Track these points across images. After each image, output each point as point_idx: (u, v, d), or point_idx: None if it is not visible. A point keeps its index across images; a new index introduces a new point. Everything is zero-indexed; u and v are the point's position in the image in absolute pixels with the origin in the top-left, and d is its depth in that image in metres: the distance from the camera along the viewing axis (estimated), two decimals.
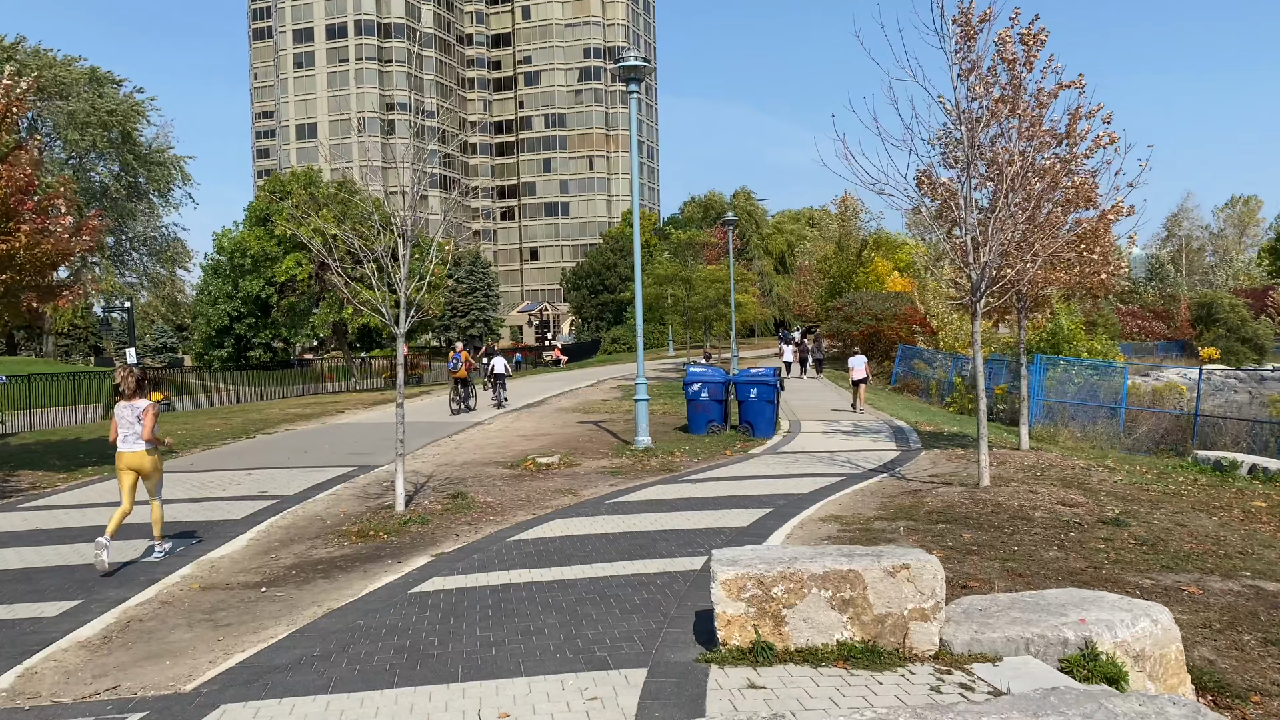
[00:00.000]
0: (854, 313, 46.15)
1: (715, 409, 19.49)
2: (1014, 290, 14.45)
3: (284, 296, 45.43)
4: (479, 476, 14.21)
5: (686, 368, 20.38)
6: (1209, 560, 8.54)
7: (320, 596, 7.74)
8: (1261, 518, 10.84)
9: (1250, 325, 76.14)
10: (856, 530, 9.42)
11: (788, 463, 15.10)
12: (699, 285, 37.91)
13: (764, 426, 19.23)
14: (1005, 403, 30.08)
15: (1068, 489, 11.77)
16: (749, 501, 11.26)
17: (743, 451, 16.90)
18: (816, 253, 57.98)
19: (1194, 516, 10.50)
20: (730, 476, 13.64)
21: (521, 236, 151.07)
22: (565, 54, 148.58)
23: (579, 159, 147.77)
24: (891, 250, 58.87)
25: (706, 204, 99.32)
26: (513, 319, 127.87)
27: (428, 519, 10.78)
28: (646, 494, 12.19)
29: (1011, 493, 11.25)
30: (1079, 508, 10.57)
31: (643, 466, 15.01)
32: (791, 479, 13.21)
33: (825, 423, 22.26)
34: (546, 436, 19.77)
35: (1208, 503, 11.66)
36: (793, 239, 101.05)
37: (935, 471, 13.82)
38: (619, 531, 9.61)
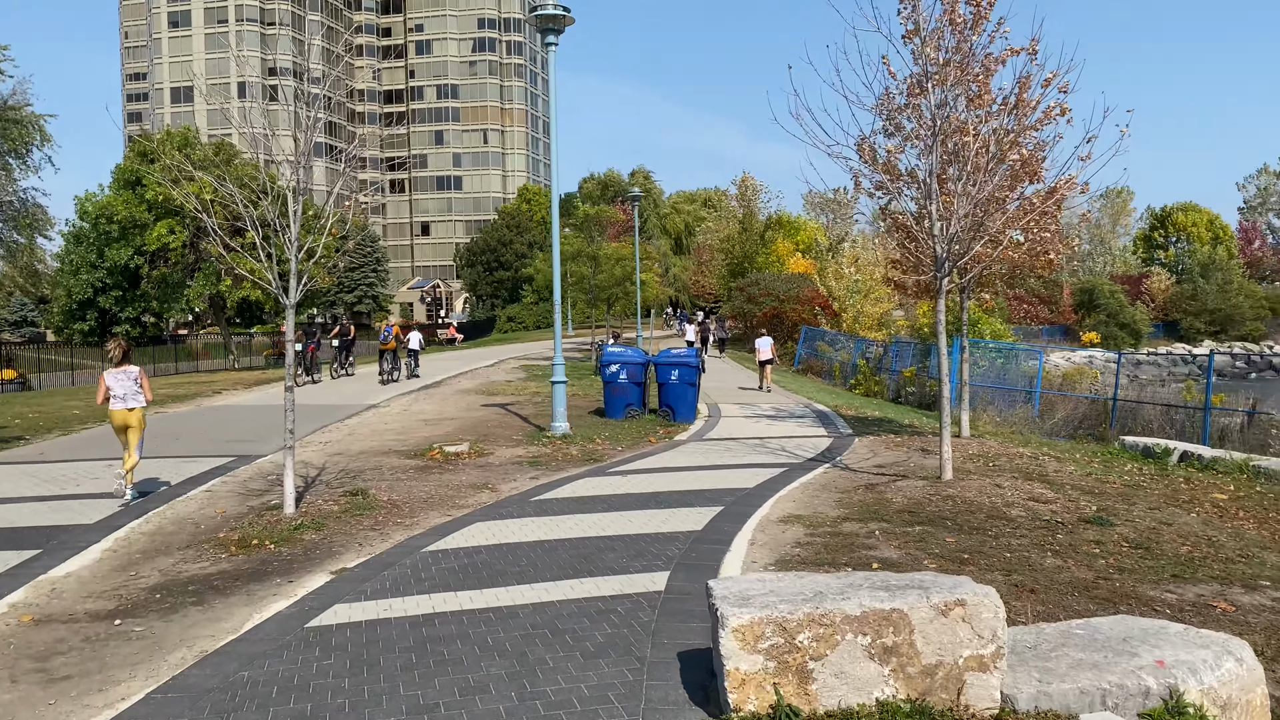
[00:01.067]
0: (757, 293, 45.54)
1: (634, 392, 18.23)
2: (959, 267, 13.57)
3: (155, 267, 42.09)
4: (379, 468, 12.61)
5: (604, 348, 19.10)
6: (1214, 566, 7.70)
7: (191, 631, 6.15)
8: (1236, 513, 10.18)
9: (1128, 311, 79.15)
10: (826, 534, 8.27)
11: (720, 451, 13.94)
12: (605, 263, 36.57)
13: (685, 411, 18.06)
14: (914, 385, 29.76)
15: (1030, 482, 10.93)
16: (693, 498, 10.02)
17: (667, 438, 15.68)
18: (719, 231, 57.25)
19: (1171, 513, 9.74)
20: (663, 468, 12.38)
21: (412, 210, 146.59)
22: (458, 23, 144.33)
23: (473, 132, 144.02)
24: (792, 231, 58.62)
25: (605, 182, 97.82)
26: (403, 295, 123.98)
27: (323, 523, 9.19)
28: (575, 489, 10.83)
29: (977, 487, 10.31)
30: (1052, 504, 9.70)
31: (563, 456, 13.64)
32: (730, 470, 12.04)
33: (744, 406, 21.26)
34: (451, 421, 18.17)
35: (1173, 496, 10.98)
36: (690, 220, 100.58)
37: (879, 462, 12.86)
38: (555, 539, 8.23)
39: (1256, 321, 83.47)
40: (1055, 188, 13.91)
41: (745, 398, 23.56)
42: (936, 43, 13.26)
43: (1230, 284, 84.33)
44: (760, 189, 56.99)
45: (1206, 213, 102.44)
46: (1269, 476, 13.78)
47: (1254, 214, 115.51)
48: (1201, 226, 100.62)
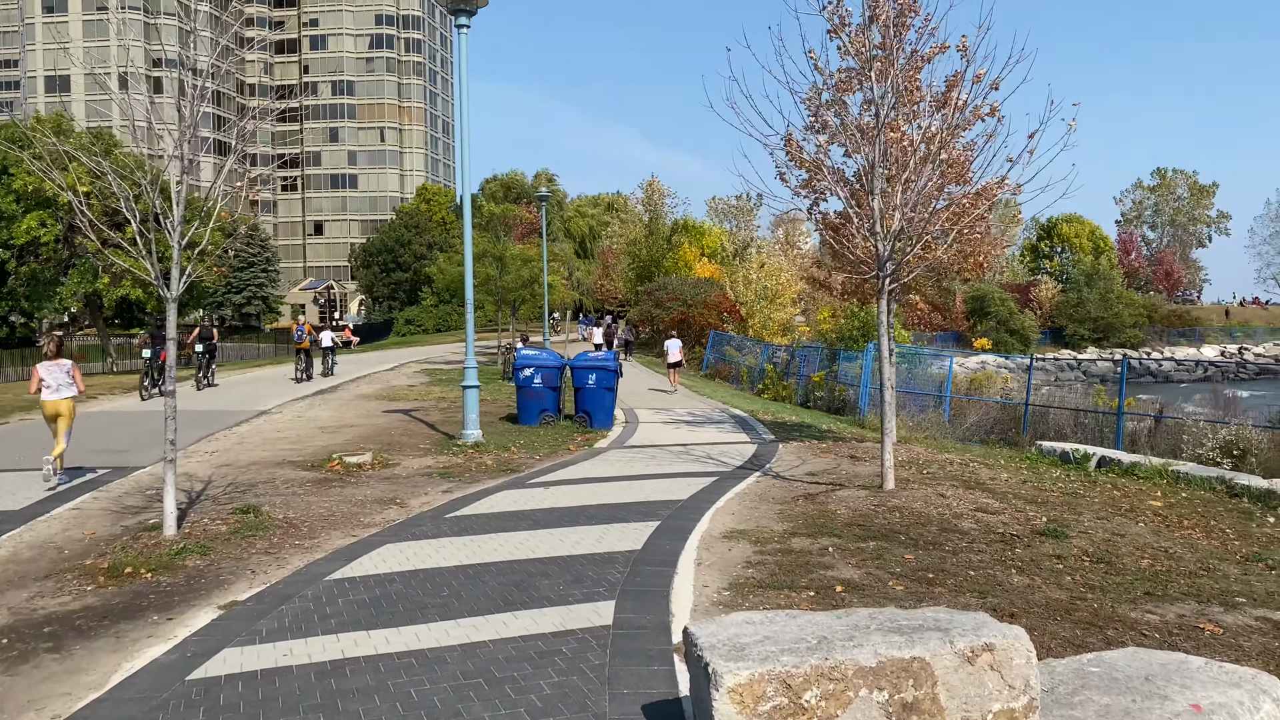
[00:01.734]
0: (665, 297, 45.07)
1: (549, 397, 17.34)
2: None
3: (24, 263, 39.13)
4: (273, 481, 11.46)
5: (518, 351, 18.18)
6: (1181, 582, 7.30)
7: (42, 689, 5.08)
8: (1180, 521, 9.91)
9: (1017, 317, 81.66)
10: (776, 552, 7.59)
11: (645, 460, 13.19)
12: (511, 264, 35.49)
13: (603, 417, 17.27)
14: (823, 390, 29.63)
15: (972, 490, 10.49)
16: (626, 512, 9.24)
17: (587, 446, 14.87)
18: (625, 235, 56.62)
19: (1119, 523, 9.39)
20: (587, 478, 11.57)
21: (305, 209, 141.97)
22: (355, 19, 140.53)
23: (369, 130, 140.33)
24: (697, 236, 58.42)
25: (508, 183, 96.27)
26: (295, 297, 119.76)
27: (209, 546, 8.09)
28: (495, 503, 9.92)
29: (922, 498, 9.81)
30: (1001, 515, 9.24)
31: (477, 466, 12.69)
32: (659, 480, 11.30)
33: (660, 411, 20.59)
34: (351, 428, 16.97)
35: (1113, 504, 10.69)
36: (594, 223, 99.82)
37: (810, 469, 12.31)
38: (480, 563, 7.34)
39: (1135, 329, 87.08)
40: (986, 188, 13.61)
41: (659, 402, 22.92)
42: (863, 39, 12.84)
43: (1111, 293, 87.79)
44: (666, 193, 56.64)
45: (1089, 224, 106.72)
46: (1188, 481, 13.76)
47: (1130, 226, 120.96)
48: (1084, 238, 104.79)
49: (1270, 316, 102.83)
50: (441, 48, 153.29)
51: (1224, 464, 15.58)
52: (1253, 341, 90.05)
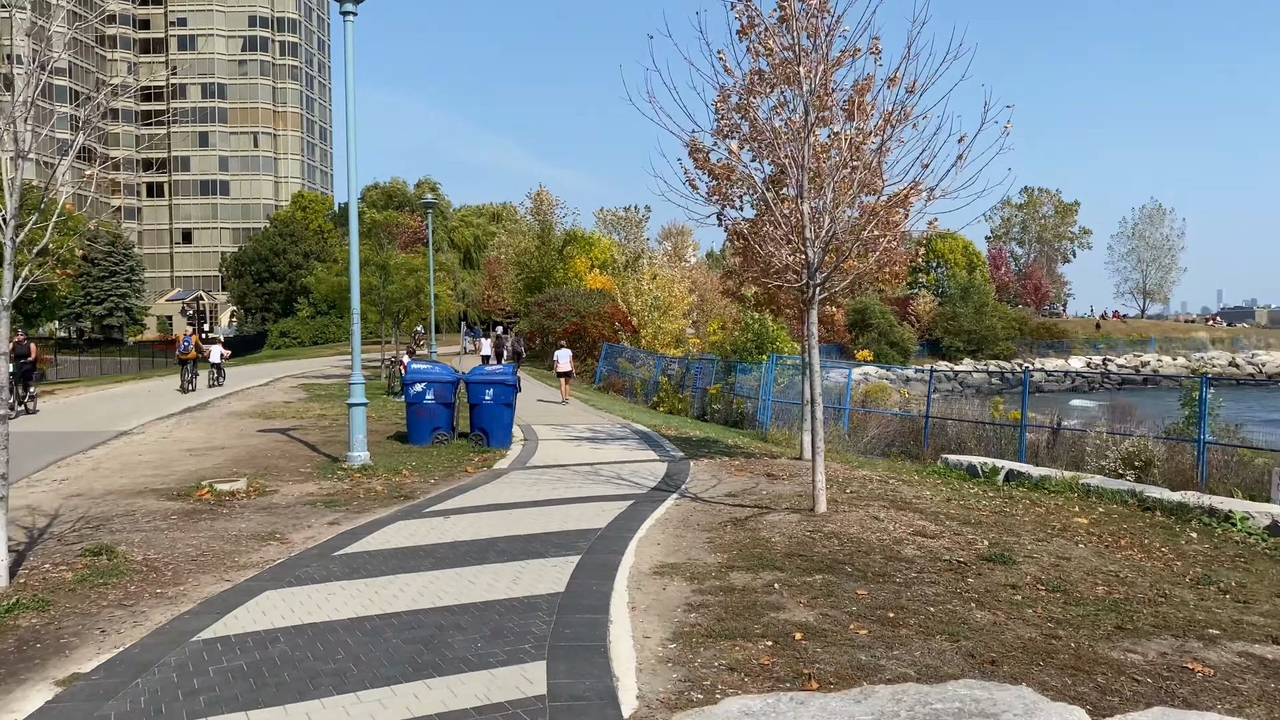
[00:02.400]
0: (557, 309, 44.10)
1: (442, 414, 16.22)
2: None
3: None
4: (132, 514, 10.08)
5: (409, 364, 16.99)
6: (1145, 612, 6.83)
7: None
8: (1118, 540, 9.57)
9: (897, 330, 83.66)
10: (717, 591, 6.80)
11: (551, 482, 12.26)
12: (395, 273, 33.92)
13: (501, 434, 16.25)
14: (720, 403, 29.22)
15: (903, 511, 9.95)
16: (541, 545, 8.32)
17: (485, 467, 13.84)
18: (514, 245, 55.39)
19: (1059, 545, 8.97)
20: (490, 505, 10.57)
21: (173, 216, 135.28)
22: (227, 19, 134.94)
23: (242, 134, 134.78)
24: (587, 247, 57.68)
25: (390, 191, 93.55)
26: (161, 308, 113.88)
27: (50, 599, 6.81)
28: (389, 537, 8.85)
29: (857, 521, 9.19)
30: (940, 539, 8.69)
31: (366, 492, 11.54)
32: (571, 506, 10.40)
33: (559, 427, 19.66)
34: (222, 450, 15.48)
35: (1043, 522, 10.32)
36: (479, 233, 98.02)
37: (729, 490, 11.61)
38: (378, 613, 6.31)
39: (1007, 341, 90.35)
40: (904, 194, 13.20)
41: (556, 416, 21.99)
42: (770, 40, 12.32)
43: (985, 306, 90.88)
44: (556, 203, 55.67)
45: (962, 240, 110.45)
46: (1100, 494, 13.65)
47: (1000, 242, 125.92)
48: (958, 253, 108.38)
49: (1129, 329, 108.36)
50: (319, 52, 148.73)
51: (1127, 475, 15.61)
52: (1115, 353, 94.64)
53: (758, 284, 14.04)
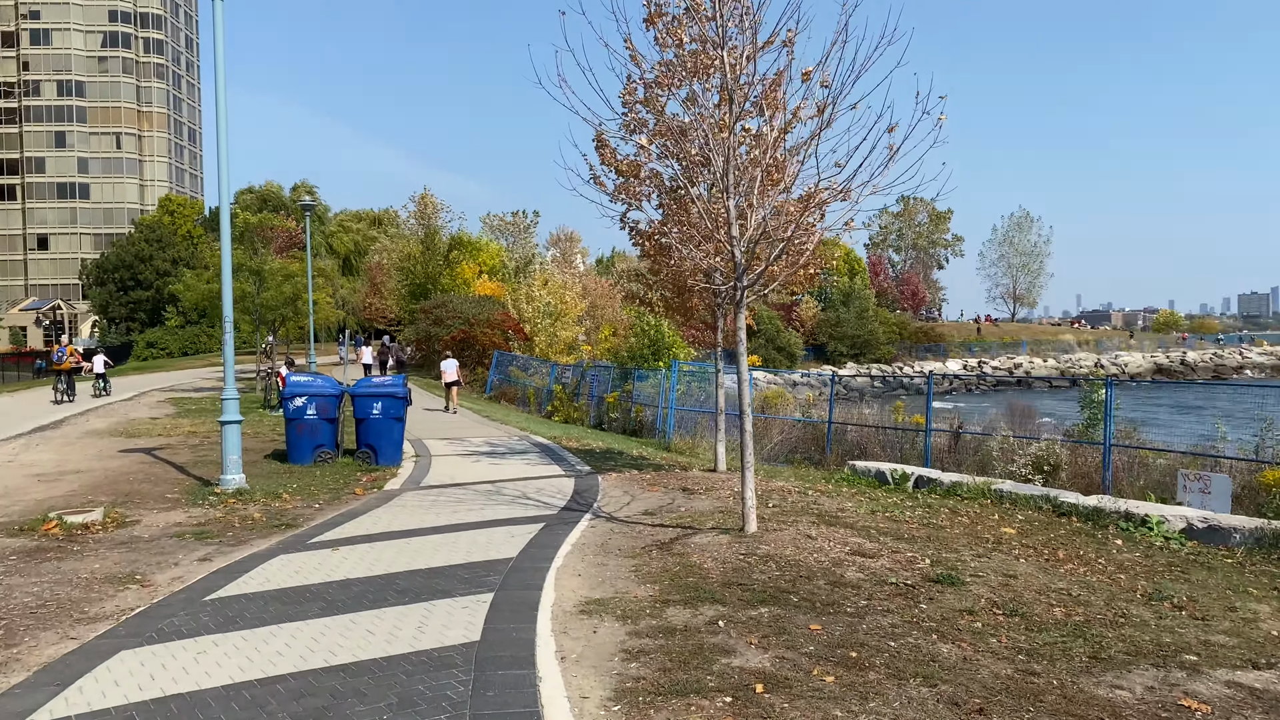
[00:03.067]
0: (444, 316, 42.64)
1: (326, 430, 14.98)
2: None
3: None
4: None
5: (287, 376, 15.67)
6: (1112, 637, 6.36)
7: None
8: (1055, 553, 9.17)
9: (784, 335, 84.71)
10: (656, 632, 6.01)
11: (450, 504, 11.25)
12: (271, 279, 32.05)
13: (391, 451, 15.11)
14: (618, 411, 28.53)
15: (833, 528, 9.36)
16: (445, 581, 7.38)
17: (376, 487, 12.72)
18: (397, 250, 53.47)
19: (1000, 560, 8.51)
20: (385, 533, 9.53)
21: (26, 220, 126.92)
22: (85, 14, 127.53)
23: (103, 135, 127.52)
24: (475, 252, 56.25)
25: (264, 195, 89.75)
26: (13, 318, 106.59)
27: None
28: (270, 575, 7.75)
29: (789, 541, 8.53)
30: (881, 559, 8.12)
31: (242, 521, 10.33)
32: (475, 531, 9.45)
33: (453, 442, 18.56)
34: (77, 475, 13.90)
35: (974, 534, 9.89)
36: (359, 239, 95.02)
37: (645, 507, 10.85)
38: (258, 678, 5.28)
39: (889, 345, 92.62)
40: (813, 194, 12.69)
41: (448, 429, 20.86)
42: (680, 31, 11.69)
43: (867, 311, 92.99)
44: (441, 207, 54.07)
45: (843, 247, 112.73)
46: (1014, 501, 13.44)
47: (878, 249, 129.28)
48: (840, 260, 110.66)
49: (1001, 332, 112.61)
50: (187, 50, 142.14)
51: (1035, 479, 15.54)
52: (989, 356, 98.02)
53: (667, 289, 13.35)
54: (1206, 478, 13.51)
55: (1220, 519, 11.44)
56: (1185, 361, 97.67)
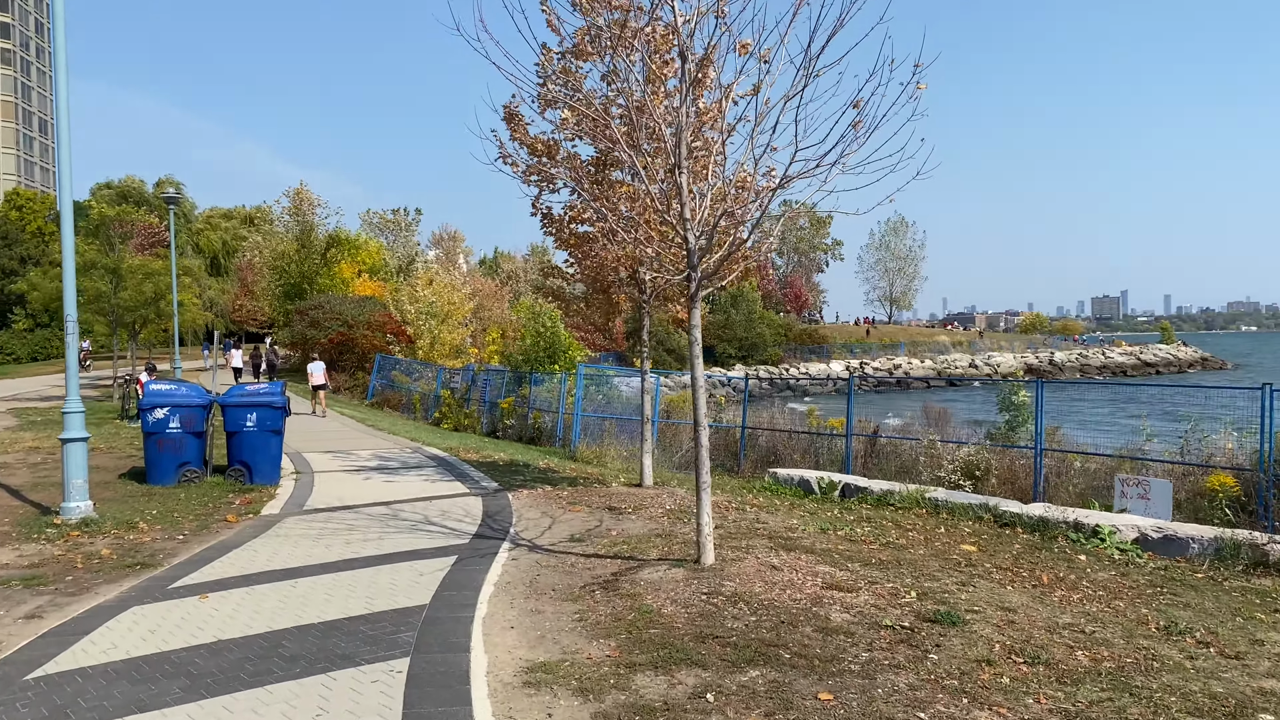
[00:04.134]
0: (322, 317, 40.19)
1: (192, 445, 13.10)
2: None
3: None
4: None
5: (145, 383, 13.69)
6: (1157, 687, 5.40)
7: None
8: (1041, 577, 8.22)
9: (675, 337, 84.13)
10: (629, 713, 4.70)
11: (342, 533, 9.67)
12: (129, 278, 29.22)
13: (268, 468, 13.34)
14: (513, 418, 27.03)
15: (793, 553, 8.22)
16: (345, 641, 5.90)
17: (252, 512, 10.99)
18: (270, 248, 50.40)
19: (987, 589, 7.52)
20: (265, 572, 7.92)
21: None
22: None
23: None
24: (354, 250, 53.58)
25: (124, 191, 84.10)
26: None
27: None
28: (119, 639, 6.11)
29: (753, 573, 7.34)
30: (860, 592, 7.00)
31: (86, 559, 8.54)
32: (373, 568, 7.95)
33: (338, 455, 16.78)
34: None
35: (941, 555, 8.91)
36: (229, 238, 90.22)
37: (570, 532, 9.51)
38: None
39: (776, 347, 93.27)
40: (743, 182, 11.55)
41: (330, 440, 19.02)
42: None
43: (754, 314, 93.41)
44: (318, 203, 51.18)
45: None
46: (951, 510, 12.68)
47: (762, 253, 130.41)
48: None
49: (879, 334, 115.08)
50: (37, 35, 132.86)
51: (965, 485, 14.86)
52: (870, 357, 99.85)
53: (590, 283, 12.05)
54: (1145, 483, 13.00)
55: (1176, 528, 10.84)
56: (1053, 361, 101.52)
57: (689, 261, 7.23)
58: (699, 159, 8.73)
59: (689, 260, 7.23)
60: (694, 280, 7.22)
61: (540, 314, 35.84)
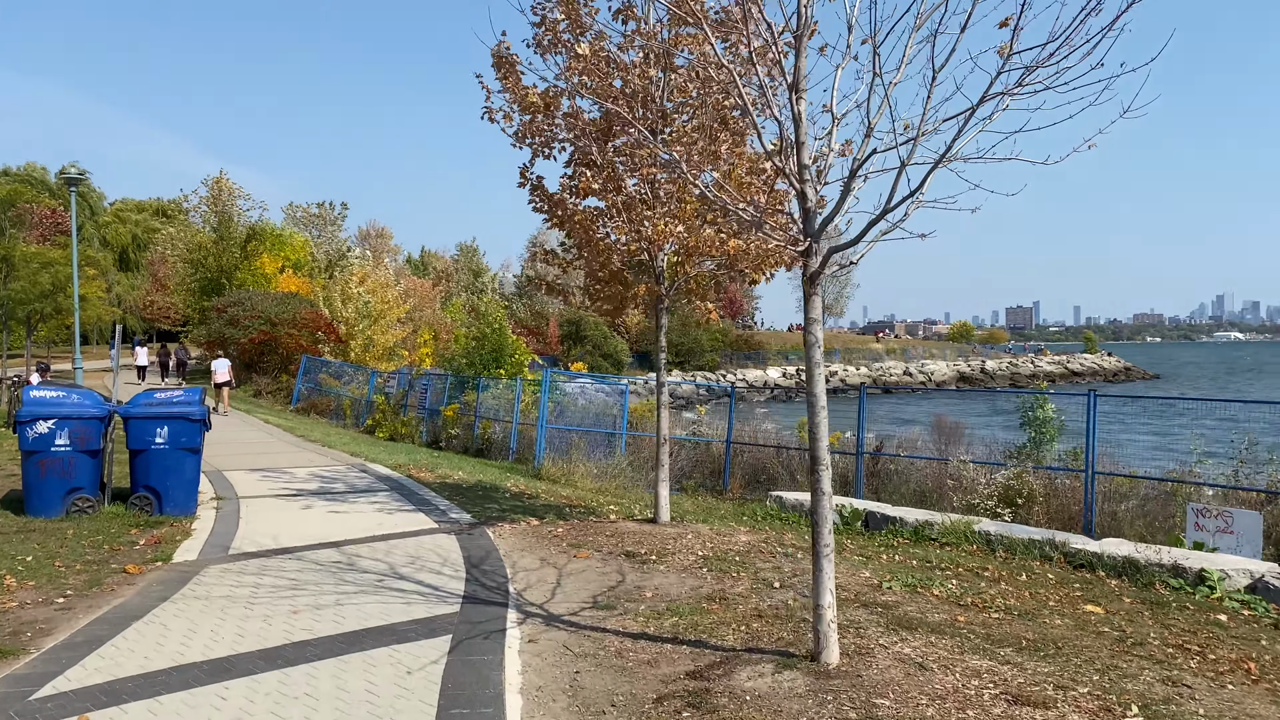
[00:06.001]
0: (242, 315, 36.97)
1: (85, 467, 10.44)
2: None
3: None
4: None
5: (25, 390, 10.99)
6: None
7: None
8: (1222, 656, 6.24)
9: (610, 341, 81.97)
10: None
11: (281, 591, 7.22)
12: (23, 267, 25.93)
13: (182, 496, 10.75)
14: (457, 427, 24.57)
15: (919, 637, 6.07)
16: None
17: (161, 559, 8.44)
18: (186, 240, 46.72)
19: (1206, 690, 5.49)
20: (179, 668, 5.48)
21: None
22: None
23: None
24: (278, 245, 50.16)
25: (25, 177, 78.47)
26: None
27: None
28: None
29: (903, 683, 5.15)
30: (1056, 707, 4.90)
31: None
32: (334, 659, 5.58)
33: (266, 472, 14.16)
34: None
35: (1089, 628, 6.88)
36: (139, 231, 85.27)
37: (591, 592, 7.26)
38: None
39: (713, 353, 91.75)
40: None
41: (254, 452, 16.37)
42: None
43: (691, 319, 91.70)
44: (239, 193, 47.68)
45: None
46: (1006, 546, 10.76)
47: None
48: None
49: None
50: None
51: (1004, 514, 12.97)
52: None
53: (597, 272, 9.76)
54: (1228, 514, 11.22)
55: None
56: (985, 370, 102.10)
57: (805, 227, 5.04)
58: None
59: (805, 225, 5.04)
60: (815, 255, 5.02)
61: (485, 313, 33.36)
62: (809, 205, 4.97)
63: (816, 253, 4.98)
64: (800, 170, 4.94)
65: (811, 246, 4.98)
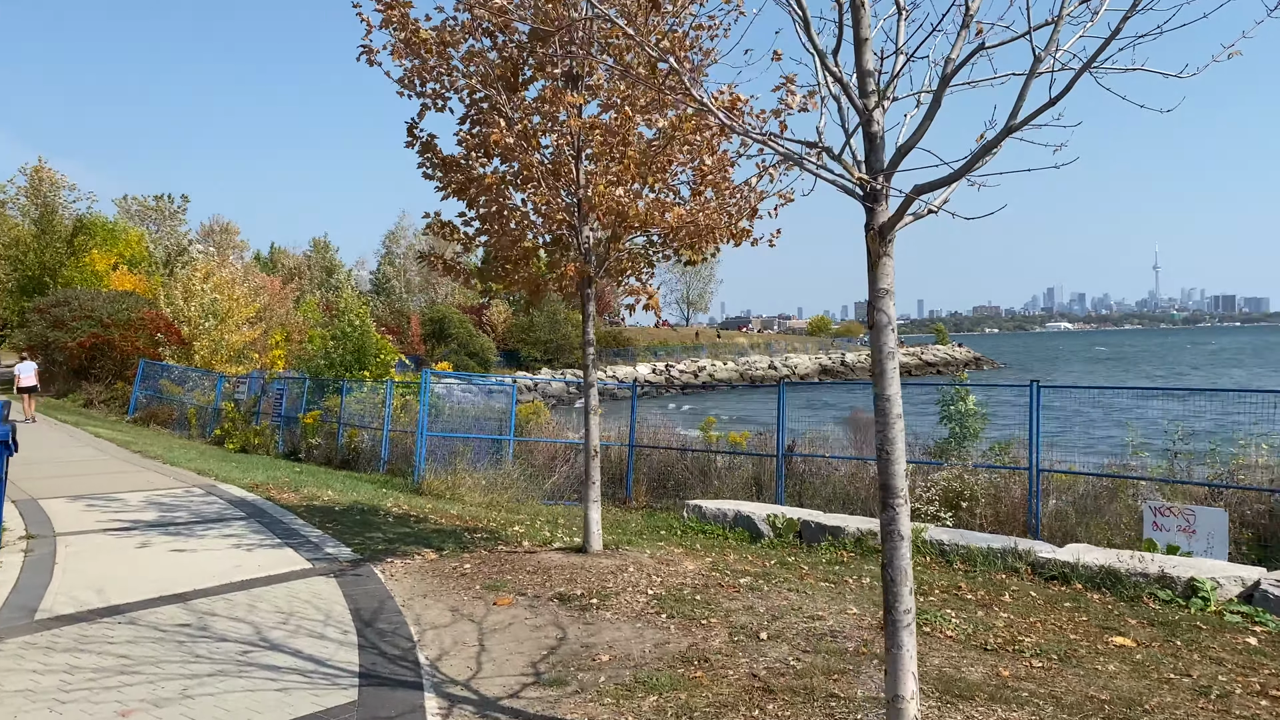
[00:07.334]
0: (68, 316, 33.20)
1: None
2: None
3: None
4: None
5: None
6: None
7: None
8: (1248, 681, 5.12)
9: (477, 340, 79.42)
10: None
11: (105, 676, 5.27)
12: None
13: None
14: (318, 436, 22.27)
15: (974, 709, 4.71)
16: None
17: None
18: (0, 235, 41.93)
19: None
20: None
21: None
22: None
23: None
24: (111, 239, 45.76)
25: None
26: None
27: None
28: None
29: None
30: None
31: None
32: None
33: (90, 501, 11.79)
34: None
35: (1143, 672, 5.67)
36: None
37: (530, 659, 5.61)
38: None
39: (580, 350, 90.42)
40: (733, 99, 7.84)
41: (78, 473, 13.86)
42: None
43: (559, 315, 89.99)
44: (63, 184, 43.14)
45: None
46: (965, 558, 9.73)
47: None
48: None
49: (680, 336, 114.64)
50: None
51: (945, 517, 11.92)
52: (674, 360, 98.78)
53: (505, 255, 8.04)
54: (1189, 512, 10.43)
55: None
56: (845, 363, 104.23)
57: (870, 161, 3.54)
58: None
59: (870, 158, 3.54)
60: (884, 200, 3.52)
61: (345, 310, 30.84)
62: (874, 131, 3.49)
63: (886, 195, 3.49)
64: (862, 80, 3.45)
65: (879, 188, 3.49)
